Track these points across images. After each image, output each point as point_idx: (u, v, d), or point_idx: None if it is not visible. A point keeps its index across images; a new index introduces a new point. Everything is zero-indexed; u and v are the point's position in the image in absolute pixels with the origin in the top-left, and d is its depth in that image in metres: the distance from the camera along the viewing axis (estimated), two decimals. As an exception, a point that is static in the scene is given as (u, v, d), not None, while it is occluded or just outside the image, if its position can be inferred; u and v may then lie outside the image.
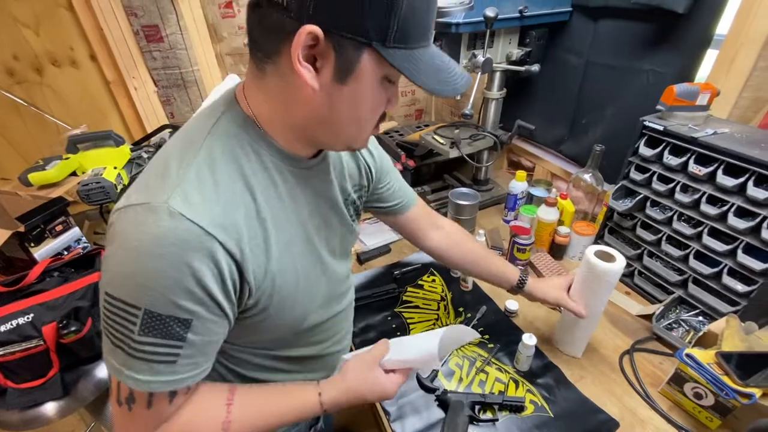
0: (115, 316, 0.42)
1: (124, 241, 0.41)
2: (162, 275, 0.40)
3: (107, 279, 0.42)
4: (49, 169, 1.16)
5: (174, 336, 0.43)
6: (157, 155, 0.48)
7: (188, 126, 0.50)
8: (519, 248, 1.09)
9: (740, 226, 0.80)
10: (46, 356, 0.92)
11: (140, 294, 0.41)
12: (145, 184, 0.44)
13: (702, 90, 0.88)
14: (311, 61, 0.42)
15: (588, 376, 0.85)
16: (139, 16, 1.38)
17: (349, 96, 0.45)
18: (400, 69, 0.42)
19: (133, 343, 0.42)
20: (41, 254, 1.11)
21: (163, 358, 0.43)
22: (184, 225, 0.40)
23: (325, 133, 0.49)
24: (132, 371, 0.43)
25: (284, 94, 0.46)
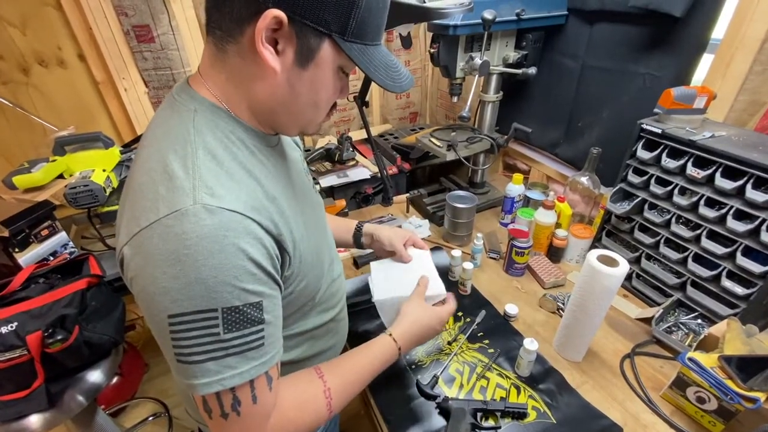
0: (193, 331, 0.42)
1: (170, 255, 0.41)
2: (226, 268, 0.42)
3: (167, 302, 0.41)
4: (34, 172, 1.12)
5: (255, 321, 0.45)
6: (141, 167, 0.46)
7: (161, 129, 0.49)
8: (517, 251, 1.08)
9: (739, 228, 0.80)
10: (30, 366, 0.88)
11: (211, 296, 0.41)
12: (154, 197, 0.43)
13: (699, 93, 0.88)
14: (273, 44, 0.44)
15: (589, 380, 0.84)
16: (130, 16, 1.35)
17: (308, 80, 0.48)
18: (356, 62, 0.47)
19: (223, 344, 0.43)
20: (26, 260, 1.07)
21: (253, 344, 0.45)
22: (226, 216, 0.42)
23: (285, 115, 0.52)
24: (231, 369, 0.44)
25: (247, 74, 0.47)
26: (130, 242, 0.43)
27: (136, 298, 0.45)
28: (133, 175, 0.48)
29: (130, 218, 0.44)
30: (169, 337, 0.42)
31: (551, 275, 1.09)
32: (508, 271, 1.14)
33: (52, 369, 0.92)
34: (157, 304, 0.42)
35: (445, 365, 0.87)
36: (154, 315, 0.43)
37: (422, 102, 2.08)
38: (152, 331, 0.46)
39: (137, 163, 0.48)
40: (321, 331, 0.68)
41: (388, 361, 0.65)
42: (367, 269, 1.18)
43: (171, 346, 0.43)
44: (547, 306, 1.01)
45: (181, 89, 0.51)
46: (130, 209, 0.44)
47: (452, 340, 0.93)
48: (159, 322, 0.43)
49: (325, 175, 1.56)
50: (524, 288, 1.09)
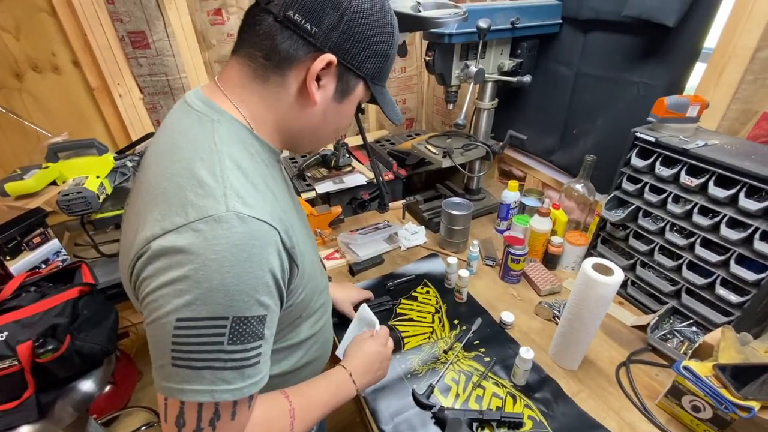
0: (198, 337, 0.42)
1: (198, 258, 0.41)
2: (248, 277, 0.42)
3: (181, 304, 0.41)
4: (27, 179, 1.11)
5: (257, 335, 0.45)
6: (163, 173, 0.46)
7: (181, 136, 0.49)
8: (513, 259, 1.08)
9: (733, 237, 0.81)
10: (20, 377, 0.87)
11: (227, 303, 0.42)
12: (181, 202, 0.43)
13: (692, 102, 0.89)
14: (317, 80, 0.50)
15: (585, 389, 0.84)
16: (125, 22, 1.35)
17: (340, 112, 0.55)
18: (378, 100, 0.57)
19: (224, 354, 0.43)
20: (17, 268, 1.06)
21: (251, 360, 0.45)
22: (257, 225, 0.43)
23: (308, 139, 0.58)
24: (225, 384, 0.44)
25: (285, 101, 0.51)
26: (152, 245, 0.42)
27: (145, 300, 0.44)
28: (151, 180, 0.47)
29: (150, 222, 0.43)
30: (170, 340, 0.42)
31: (547, 282, 1.09)
32: (504, 278, 1.14)
33: (42, 379, 0.91)
34: (169, 304, 0.41)
35: (441, 374, 0.86)
36: (161, 316, 0.42)
37: (418, 108, 2.09)
38: (149, 330, 0.44)
39: (155, 168, 0.48)
40: (309, 342, 0.67)
41: (345, 390, 0.67)
42: (362, 277, 1.17)
43: (169, 349, 0.42)
44: (543, 314, 1.01)
45: (198, 99, 0.51)
46: (151, 213, 0.44)
47: (448, 349, 0.92)
48: (164, 324, 0.42)
49: (321, 181, 1.55)
50: (520, 295, 1.09)
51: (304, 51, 0.48)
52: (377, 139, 1.94)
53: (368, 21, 0.49)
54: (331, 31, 0.47)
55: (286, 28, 0.47)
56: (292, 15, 0.46)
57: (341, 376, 0.68)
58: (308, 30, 0.46)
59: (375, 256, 1.23)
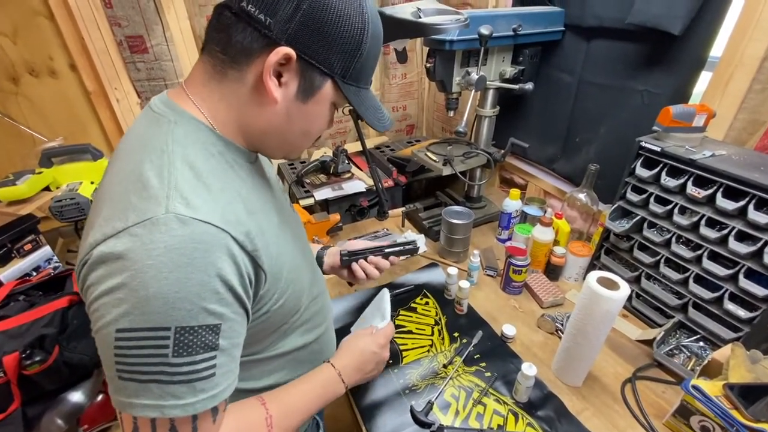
0: (140, 349, 0.39)
1: (134, 264, 0.38)
2: (190, 284, 0.39)
3: (119, 314, 0.39)
4: (19, 185, 1.09)
5: (208, 346, 0.42)
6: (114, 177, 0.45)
7: (137, 140, 0.48)
8: (515, 269, 1.06)
9: (741, 250, 0.78)
10: (6, 389, 0.85)
11: (168, 313, 0.39)
12: (124, 206, 0.41)
13: (698, 111, 0.87)
14: (277, 76, 0.47)
15: (590, 407, 0.81)
16: (123, 26, 1.34)
17: (305, 112, 0.51)
18: (351, 102, 0.52)
19: (169, 368, 0.40)
20: (7, 275, 1.03)
21: (203, 373, 0.42)
22: (200, 227, 0.40)
23: (274, 141, 0.53)
24: (174, 399, 0.41)
25: (244, 99, 0.48)
26: (93, 252, 0.40)
27: (87, 309, 0.42)
28: (104, 185, 0.47)
29: (95, 227, 0.41)
30: (113, 353, 0.39)
31: (549, 294, 1.06)
32: (506, 289, 1.11)
33: (29, 391, 0.88)
34: (107, 315, 0.39)
35: (440, 390, 0.83)
36: (102, 327, 0.40)
37: (419, 114, 2.08)
38: (96, 341, 0.42)
39: (110, 173, 0.47)
40: (303, 353, 0.65)
41: (333, 390, 0.65)
42: (360, 286, 1.15)
43: (114, 362, 0.40)
44: (546, 327, 0.98)
45: (160, 102, 0.50)
46: (97, 218, 0.42)
47: (448, 363, 0.90)
48: (105, 335, 0.40)
49: (319, 187, 1.53)
50: (522, 307, 1.06)
51: (259, 44, 0.45)
52: (377, 145, 1.92)
53: (331, 11, 0.44)
54: (287, 22, 0.44)
55: (241, 20, 0.44)
56: (245, 6, 0.43)
57: (329, 375, 0.65)
58: (262, 21, 0.43)
59: (373, 266, 1.20)
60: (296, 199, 1.48)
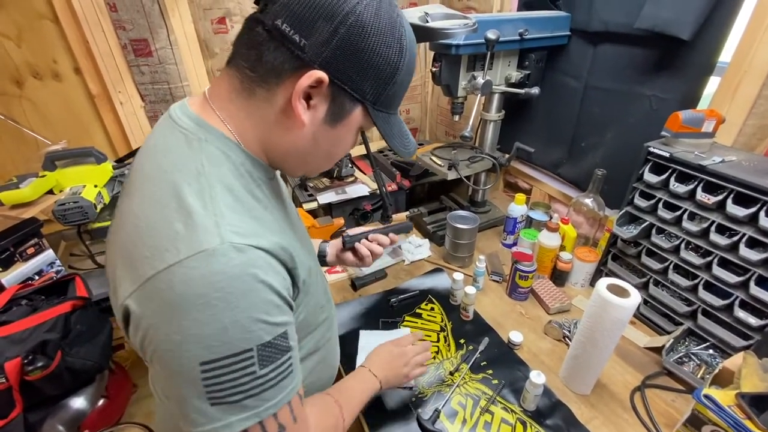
0: (229, 374, 0.40)
1: (198, 299, 0.38)
2: (258, 306, 0.41)
3: (199, 350, 0.39)
4: (22, 188, 1.08)
5: (284, 350, 0.44)
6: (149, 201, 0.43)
7: (166, 158, 0.45)
8: (521, 275, 1.05)
9: (753, 257, 0.77)
10: (8, 395, 0.84)
11: (246, 336, 0.40)
12: (171, 236, 0.40)
13: (707, 117, 0.86)
14: (306, 99, 0.45)
15: (599, 416, 0.80)
16: (128, 30, 1.34)
17: (332, 137, 0.50)
18: (380, 129, 0.50)
19: (259, 380, 0.42)
20: (9, 280, 1.03)
21: (285, 372, 0.45)
22: (254, 254, 0.41)
23: (296, 161, 0.53)
24: (267, 402, 0.43)
25: (271, 119, 0.47)
26: (143, 288, 0.39)
27: (150, 351, 0.42)
28: (135, 209, 0.43)
29: (139, 259, 0.40)
30: (201, 384, 0.40)
31: (556, 300, 1.05)
32: (512, 295, 1.10)
33: (31, 397, 0.88)
34: (186, 353, 0.39)
35: (447, 398, 0.82)
36: (181, 365, 0.39)
37: (422, 118, 2.07)
38: (171, 379, 0.42)
39: (140, 195, 0.44)
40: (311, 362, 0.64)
41: (371, 383, 0.71)
42: (365, 291, 1.14)
43: (203, 392, 0.40)
44: (553, 333, 0.97)
45: (184, 115, 0.48)
46: (139, 248, 0.40)
47: (454, 370, 0.89)
48: (188, 372, 0.39)
49: (323, 191, 1.53)
50: (528, 313, 1.05)
51: (290, 65, 0.43)
52: (381, 148, 1.91)
53: (369, 38, 0.43)
54: (322, 45, 0.42)
55: (274, 38, 0.42)
56: (280, 24, 0.41)
57: (363, 372, 0.71)
58: (296, 42, 0.42)
59: (378, 270, 1.19)
60: (300, 203, 1.48)
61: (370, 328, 1.00)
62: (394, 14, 0.45)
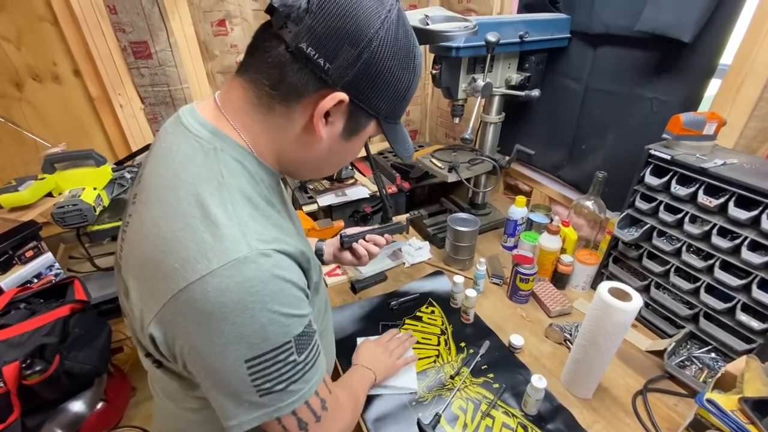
0: (273, 366, 0.43)
1: (236, 305, 0.41)
2: (289, 304, 0.44)
3: (243, 349, 0.42)
4: (21, 191, 1.08)
5: (312, 335, 0.48)
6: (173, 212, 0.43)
7: (183, 168, 0.45)
8: (522, 278, 1.04)
9: (755, 260, 0.77)
10: (5, 400, 0.83)
11: (284, 330, 0.44)
12: (200, 247, 0.41)
13: (709, 119, 0.86)
14: (325, 115, 0.47)
15: (601, 420, 0.79)
16: (128, 32, 1.34)
17: (346, 149, 0.53)
18: (389, 138, 0.54)
19: (299, 365, 0.46)
20: (8, 283, 1.02)
21: (317, 353, 0.49)
22: (279, 257, 0.44)
23: (309, 170, 0.56)
24: (310, 382, 0.48)
25: (288, 133, 0.49)
26: (177, 297, 0.41)
27: (193, 357, 0.44)
28: (158, 220, 0.43)
29: (169, 271, 0.41)
30: (249, 380, 0.43)
31: (557, 303, 1.05)
32: (512, 297, 1.10)
33: (29, 401, 0.87)
34: (231, 354, 0.42)
35: (447, 402, 0.82)
36: (227, 365, 0.42)
37: (422, 120, 2.07)
38: (217, 379, 0.44)
39: (161, 205, 0.44)
40: None
41: (366, 375, 0.78)
42: (365, 294, 1.13)
43: (252, 386, 0.43)
44: (554, 337, 0.97)
45: (197, 122, 0.48)
46: (168, 260, 0.41)
47: (455, 374, 0.88)
48: (234, 370, 0.43)
49: (323, 193, 1.53)
50: (529, 316, 1.05)
51: (314, 86, 0.44)
52: (381, 150, 1.91)
53: (389, 62, 0.45)
54: (346, 69, 0.43)
55: (297, 60, 0.43)
56: (304, 48, 0.42)
57: (357, 368, 0.79)
58: (321, 66, 0.43)
59: (378, 273, 1.19)
60: (299, 205, 1.48)
61: (370, 331, 1.00)
62: (409, 35, 0.47)
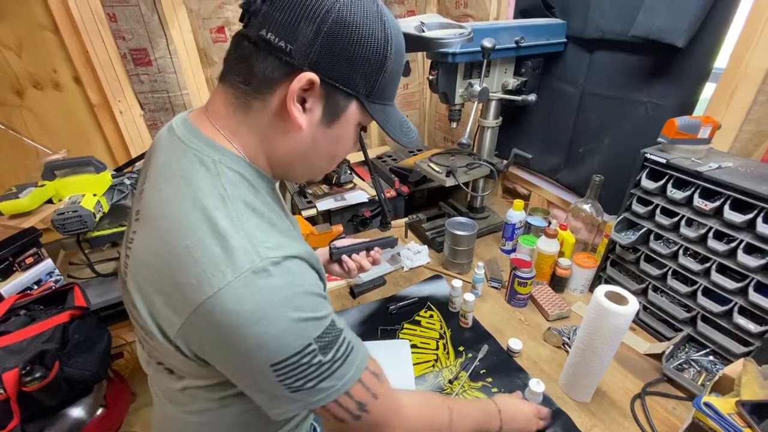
0: (298, 368, 0.44)
1: (253, 313, 0.41)
2: (304, 307, 0.44)
3: (266, 355, 0.42)
4: (21, 198, 1.08)
5: (338, 333, 0.47)
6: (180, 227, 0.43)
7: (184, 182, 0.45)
8: (520, 282, 1.05)
9: (751, 263, 0.77)
10: (5, 406, 0.84)
11: (303, 334, 0.43)
12: (212, 261, 0.42)
13: (704, 123, 0.87)
14: (301, 102, 0.46)
15: (599, 424, 0.79)
16: (128, 40, 1.35)
17: (331, 137, 0.51)
18: (378, 120, 0.51)
19: (327, 365, 0.45)
20: (8, 289, 1.02)
21: (347, 350, 0.48)
22: (290, 262, 0.44)
23: (300, 167, 0.54)
24: (343, 378, 0.47)
25: (270, 128, 0.48)
26: (198, 311, 0.41)
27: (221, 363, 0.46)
28: (166, 235, 0.44)
29: (186, 286, 0.42)
30: (276, 381, 0.44)
31: (555, 306, 1.05)
32: (510, 301, 1.10)
33: (29, 408, 0.88)
34: (255, 360, 0.43)
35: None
36: (254, 370, 0.43)
37: (420, 124, 2.08)
38: (247, 380, 0.46)
39: (167, 220, 0.44)
40: None
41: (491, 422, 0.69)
42: (363, 299, 1.14)
43: (282, 386, 0.44)
44: (552, 340, 0.97)
45: (190, 132, 0.48)
46: (183, 276, 0.42)
47: (453, 378, 0.88)
48: (262, 373, 0.43)
49: (322, 198, 1.53)
50: (527, 320, 1.05)
51: (281, 72, 0.44)
52: (379, 155, 1.92)
53: (352, 31, 0.43)
54: (308, 47, 0.43)
55: (261, 49, 0.44)
56: (265, 34, 0.43)
57: (490, 408, 0.71)
58: (283, 48, 0.43)
59: (377, 278, 1.19)
60: (299, 210, 1.48)
61: (369, 335, 1.00)
62: (374, 5, 0.46)
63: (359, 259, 0.87)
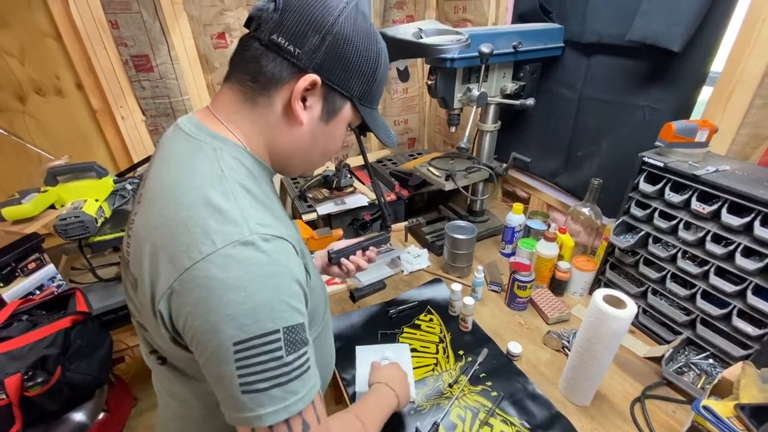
0: (259, 356, 0.43)
1: (234, 282, 0.42)
2: (282, 289, 0.45)
3: (233, 329, 0.42)
4: (24, 203, 1.09)
5: (303, 341, 0.47)
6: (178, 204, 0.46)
7: (186, 166, 0.49)
8: (520, 285, 1.05)
9: (749, 266, 0.77)
10: (7, 411, 0.84)
11: (275, 316, 0.44)
12: (204, 231, 0.44)
13: (701, 127, 0.87)
14: (302, 101, 0.52)
15: (599, 428, 0.79)
16: (129, 46, 1.36)
17: (327, 133, 0.56)
18: (367, 121, 0.58)
19: (286, 367, 0.44)
20: (10, 295, 1.03)
21: (306, 365, 0.47)
22: (279, 243, 0.47)
23: (297, 161, 0.59)
24: (294, 395, 0.45)
25: (273, 123, 0.53)
26: (183, 277, 0.43)
27: (191, 334, 0.45)
28: (163, 212, 0.47)
29: (176, 254, 0.44)
30: (234, 367, 0.43)
31: (555, 310, 1.05)
32: (510, 305, 1.10)
33: (31, 413, 0.88)
34: (222, 332, 0.42)
35: (446, 411, 0.82)
36: (218, 346, 0.43)
37: (420, 128, 2.09)
38: (210, 363, 0.45)
39: (166, 199, 0.47)
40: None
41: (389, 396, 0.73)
42: (363, 303, 1.14)
43: (236, 376, 0.43)
44: (552, 344, 0.97)
45: (195, 126, 0.52)
46: (175, 244, 0.44)
47: (453, 382, 0.88)
48: (223, 353, 0.43)
49: (322, 202, 1.54)
50: (527, 323, 1.05)
51: (288, 72, 0.50)
52: (379, 159, 1.93)
53: (351, 44, 0.50)
54: (314, 52, 0.49)
55: (271, 50, 0.49)
56: (276, 38, 0.48)
57: (379, 387, 0.74)
58: (292, 52, 0.48)
59: (377, 281, 1.20)
60: (299, 214, 1.49)
61: (369, 339, 1.00)
62: (368, 24, 0.53)
63: (356, 260, 0.90)
